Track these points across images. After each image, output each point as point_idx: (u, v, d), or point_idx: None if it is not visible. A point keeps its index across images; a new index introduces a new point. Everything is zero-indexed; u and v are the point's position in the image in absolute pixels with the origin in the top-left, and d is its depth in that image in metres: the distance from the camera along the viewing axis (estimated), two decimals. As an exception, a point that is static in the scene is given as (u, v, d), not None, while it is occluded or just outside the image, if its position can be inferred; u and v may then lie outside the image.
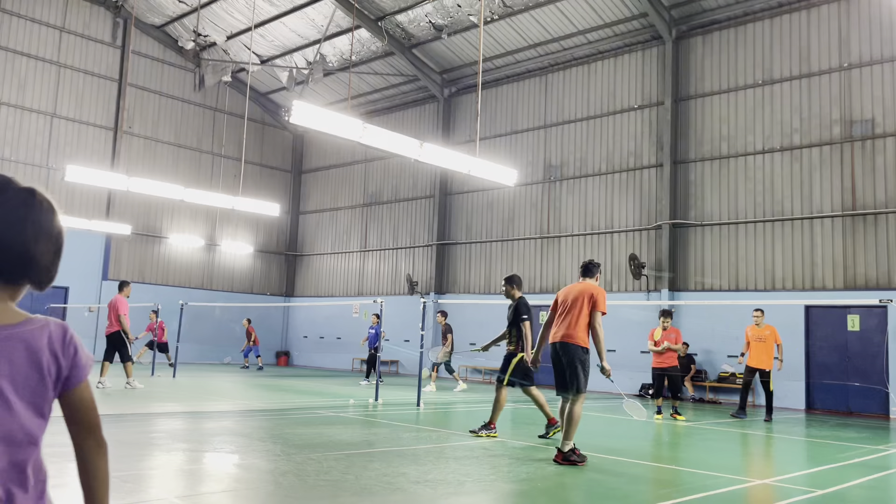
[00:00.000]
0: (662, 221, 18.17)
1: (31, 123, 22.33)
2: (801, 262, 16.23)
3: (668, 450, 8.92)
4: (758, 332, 12.81)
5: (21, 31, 22.21)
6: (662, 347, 12.13)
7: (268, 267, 28.09)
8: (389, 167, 25.44)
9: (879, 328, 14.94)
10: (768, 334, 12.77)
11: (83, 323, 22.85)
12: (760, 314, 12.94)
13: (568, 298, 7.16)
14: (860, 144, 15.75)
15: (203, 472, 6.09)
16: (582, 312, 6.97)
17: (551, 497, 5.60)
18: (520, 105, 22.02)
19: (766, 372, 12.70)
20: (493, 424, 8.66)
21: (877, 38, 15.79)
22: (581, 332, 6.96)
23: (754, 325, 12.91)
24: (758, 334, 12.83)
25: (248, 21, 22.48)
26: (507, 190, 21.26)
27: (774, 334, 12.82)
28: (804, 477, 7.08)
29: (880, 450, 9.29)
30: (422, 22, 21.21)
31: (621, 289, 18.89)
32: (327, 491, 5.31)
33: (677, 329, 12.45)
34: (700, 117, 18.20)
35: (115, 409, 10.36)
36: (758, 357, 12.74)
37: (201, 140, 26.11)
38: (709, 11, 17.91)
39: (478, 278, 22.41)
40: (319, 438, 7.77)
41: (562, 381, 7.07)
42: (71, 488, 5.20)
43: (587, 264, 7.47)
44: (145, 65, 24.80)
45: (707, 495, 5.74)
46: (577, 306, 7.02)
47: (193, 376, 17.57)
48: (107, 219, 23.16)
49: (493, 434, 8.57)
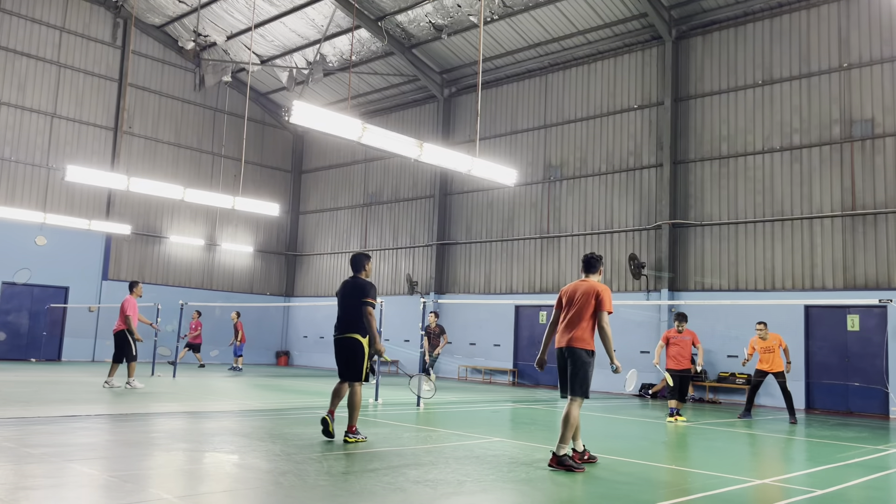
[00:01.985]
0: (662, 221, 18.18)
1: (31, 123, 22.33)
2: (801, 262, 16.23)
3: (668, 450, 8.91)
4: (764, 345, 12.79)
5: (21, 31, 22.21)
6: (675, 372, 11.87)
7: (268, 267, 28.09)
8: (389, 167, 25.45)
9: (879, 328, 14.94)
10: (775, 344, 12.74)
11: (83, 323, 22.87)
12: (764, 327, 12.84)
13: (573, 297, 6.94)
14: (860, 144, 15.76)
15: (203, 472, 6.09)
16: (587, 312, 6.80)
17: (550, 497, 5.59)
18: (520, 105, 22.03)
19: (780, 373, 12.68)
20: (355, 427, 7.66)
21: (877, 38, 15.80)
22: (587, 334, 6.82)
23: (758, 337, 12.85)
24: (764, 346, 12.79)
25: (248, 21, 22.49)
26: (507, 190, 21.27)
27: (779, 340, 12.80)
28: (804, 477, 7.08)
29: (880, 450, 9.29)
30: (422, 22, 21.21)
31: (621, 289, 18.89)
32: (327, 491, 5.31)
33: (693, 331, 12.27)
34: (700, 117, 18.20)
35: (115, 409, 10.36)
36: (768, 361, 12.73)
37: (201, 140, 26.12)
38: (709, 11, 17.91)
39: (478, 278, 22.41)
40: (319, 438, 7.77)
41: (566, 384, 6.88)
42: (71, 488, 5.20)
43: (589, 259, 7.15)
44: (145, 65, 24.80)
45: (707, 495, 5.74)
46: (582, 306, 6.82)
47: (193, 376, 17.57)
48: (107, 219, 23.15)
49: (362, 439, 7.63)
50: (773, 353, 12.72)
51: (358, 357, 7.63)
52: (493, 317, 21.54)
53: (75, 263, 22.67)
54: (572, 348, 6.76)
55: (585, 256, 7.29)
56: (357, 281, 7.79)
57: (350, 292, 7.73)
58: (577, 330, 6.78)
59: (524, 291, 21.07)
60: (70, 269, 22.55)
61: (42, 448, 6.67)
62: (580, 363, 6.73)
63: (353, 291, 7.69)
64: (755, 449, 9.45)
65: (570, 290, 7.04)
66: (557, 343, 6.96)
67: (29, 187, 22.11)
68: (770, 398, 15.97)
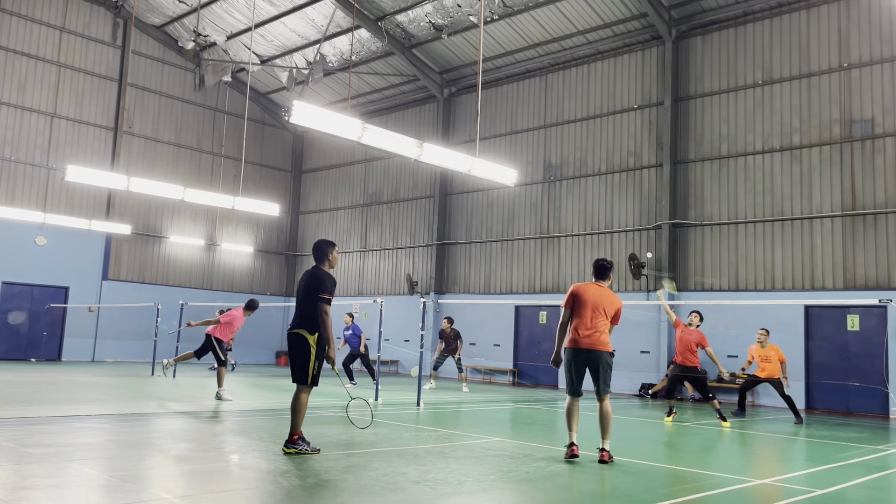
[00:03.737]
0: (662, 221, 18.18)
1: (31, 123, 22.33)
2: (801, 262, 16.23)
3: (668, 450, 8.91)
4: (762, 353, 12.78)
5: (21, 31, 22.21)
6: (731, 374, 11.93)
7: (268, 267, 28.10)
8: (389, 167, 25.45)
9: (879, 328, 14.94)
10: (773, 354, 12.69)
11: (83, 323, 22.88)
12: (765, 334, 12.81)
13: (598, 303, 7.24)
14: (860, 144, 15.76)
15: (203, 472, 6.09)
16: (609, 319, 7.30)
17: (551, 497, 5.59)
18: (520, 105, 22.02)
19: (776, 381, 12.67)
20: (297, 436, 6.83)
21: (877, 38, 15.80)
22: (608, 338, 7.32)
23: (758, 344, 12.84)
24: (763, 355, 12.74)
25: (248, 21, 22.49)
26: (507, 190, 21.27)
27: (778, 353, 12.78)
28: (804, 477, 7.08)
29: (880, 450, 9.29)
30: (422, 22, 21.21)
31: (621, 289, 18.89)
32: (327, 491, 5.31)
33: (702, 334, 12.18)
34: (700, 117, 18.20)
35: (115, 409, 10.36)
36: (765, 370, 12.74)
37: (201, 140, 26.12)
38: (709, 11, 17.91)
39: (478, 278, 22.41)
40: (319, 438, 7.77)
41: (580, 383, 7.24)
42: (71, 488, 5.20)
43: (604, 264, 7.51)
44: (145, 65, 24.81)
45: (707, 495, 5.74)
46: (606, 314, 7.26)
47: (193, 376, 17.57)
48: (107, 219, 23.16)
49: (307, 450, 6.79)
50: (770, 363, 12.70)
51: (304, 356, 6.79)
52: (492, 317, 21.53)
53: (75, 263, 22.67)
54: (600, 352, 7.19)
55: (600, 262, 7.56)
56: (316, 272, 6.99)
57: (305, 285, 6.98)
58: (603, 335, 7.23)
59: (524, 291, 21.07)
60: (70, 269, 22.56)
61: (42, 448, 6.67)
62: (608, 365, 7.22)
63: (309, 284, 6.94)
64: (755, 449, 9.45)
65: (594, 295, 7.32)
66: (580, 344, 7.22)
67: (29, 187, 22.11)
68: (770, 398, 15.98)
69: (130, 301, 22.41)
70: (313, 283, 6.92)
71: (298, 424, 6.80)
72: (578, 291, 7.33)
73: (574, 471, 6.57)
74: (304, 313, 6.88)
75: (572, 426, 7.16)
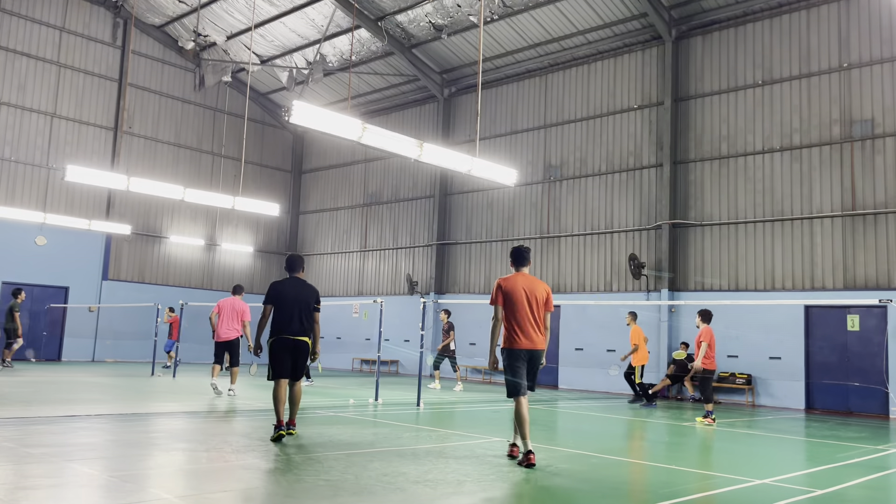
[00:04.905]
0: (662, 221, 18.17)
1: (31, 123, 22.33)
2: (801, 262, 16.23)
3: (668, 450, 8.92)
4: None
5: (21, 31, 22.21)
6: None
7: (268, 267, 28.09)
8: (389, 167, 25.45)
9: (879, 328, 14.95)
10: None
11: (83, 323, 22.88)
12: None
13: (533, 296, 6.87)
14: (860, 144, 15.76)
15: (203, 472, 6.09)
16: (544, 312, 6.95)
17: (550, 497, 5.60)
18: (520, 105, 22.03)
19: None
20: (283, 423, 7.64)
21: (877, 38, 15.80)
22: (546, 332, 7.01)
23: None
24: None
25: (248, 21, 22.49)
26: (507, 190, 21.27)
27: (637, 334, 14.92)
28: (804, 477, 7.08)
29: (880, 450, 9.29)
30: (422, 22, 21.21)
31: (621, 289, 18.89)
32: (327, 491, 5.31)
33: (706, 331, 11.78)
34: (700, 117, 18.20)
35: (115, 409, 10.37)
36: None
37: (201, 140, 26.12)
38: (709, 11, 17.91)
39: (478, 278, 22.41)
40: (319, 438, 7.78)
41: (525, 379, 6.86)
42: (71, 488, 5.20)
43: (524, 251, 7.08)
44: (145, 65, 24.81)
45: (707, 495, 5.74)
46: (542, 306, 6.91)
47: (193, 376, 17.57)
48: (107, 219, 23.16)
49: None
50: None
51: (305, 357, 7.93)
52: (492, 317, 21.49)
53: (75, 263, 22.67)
54: (541, 351, 6.91)
55: (520, 249, 7.12)
56: (307, 284, 8.00)
57: (303, 295, 7.86)
58: (545, 332, 6.94)
59: (524, 291, 21.02)
60: (70, 269, 22.56)
61: (42, 448, 6.68)
62: (541, 362, 6.99)
63: (306, 295, 7.88)
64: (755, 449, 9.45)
65: (527, 287, 6.91)
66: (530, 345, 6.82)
67: (29, 187, 22.12)
68: (770, 398, 16.00)
69: (130, 301, 22.41)
70: (311, 294, 7.92)
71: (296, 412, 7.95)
72: (508, 286, 6.90)
73: (572, 471, 6.57)
74: (306, 322, 7.84)
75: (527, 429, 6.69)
